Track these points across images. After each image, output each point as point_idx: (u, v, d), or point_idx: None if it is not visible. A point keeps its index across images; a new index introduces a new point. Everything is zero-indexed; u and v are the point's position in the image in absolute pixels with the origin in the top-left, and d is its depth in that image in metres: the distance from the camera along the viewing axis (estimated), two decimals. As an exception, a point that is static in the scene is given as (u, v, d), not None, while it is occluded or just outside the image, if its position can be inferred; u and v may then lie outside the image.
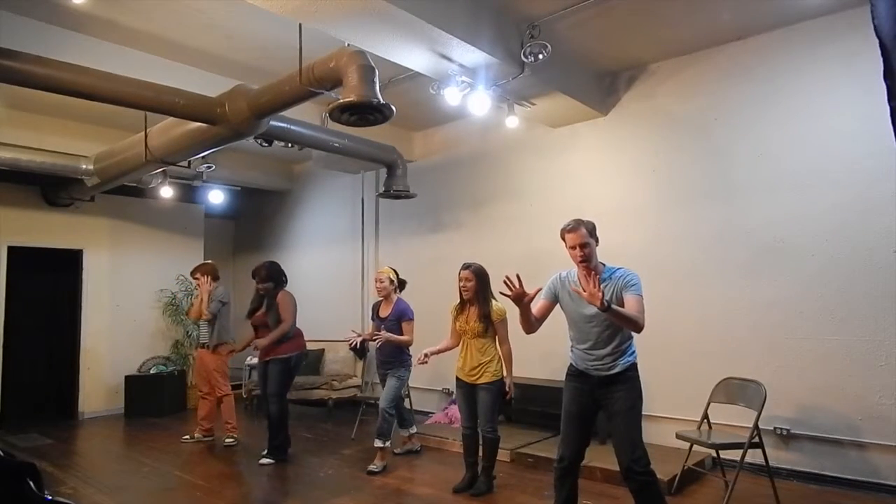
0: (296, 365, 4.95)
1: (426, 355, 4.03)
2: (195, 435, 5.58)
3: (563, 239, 2.89)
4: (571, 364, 3.00)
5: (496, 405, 3.89)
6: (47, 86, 3.46)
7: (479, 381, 3.87)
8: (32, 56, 3.37)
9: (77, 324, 6.94)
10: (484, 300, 3.88)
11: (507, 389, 3.88)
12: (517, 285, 2.73)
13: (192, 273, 5.68)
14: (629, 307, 2.74)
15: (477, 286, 3.88)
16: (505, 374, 3.90)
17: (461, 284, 3.92)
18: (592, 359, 2.87)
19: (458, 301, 4.02)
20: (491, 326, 3.87)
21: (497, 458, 3.98)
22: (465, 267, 3.94)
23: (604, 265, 2.93)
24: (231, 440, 5.36)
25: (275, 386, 4.86)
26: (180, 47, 4.51)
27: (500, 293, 2.81)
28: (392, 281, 4.64)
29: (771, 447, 3.97)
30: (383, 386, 4.63)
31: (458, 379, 4.00)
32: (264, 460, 4.73)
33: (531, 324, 2.89)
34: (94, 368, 6.93)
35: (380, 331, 4.51)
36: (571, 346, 2.99)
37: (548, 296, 3.00)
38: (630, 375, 2.85)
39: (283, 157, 7.73)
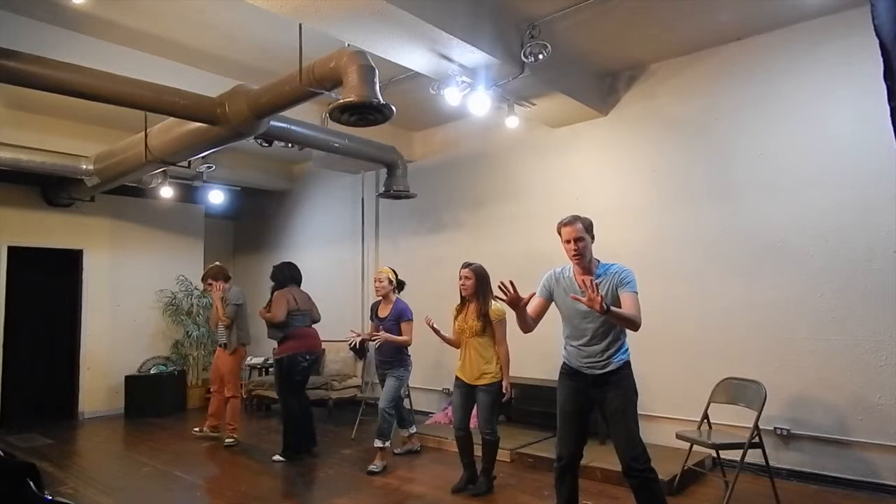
0: (289, 367, 4.87)
1: (433, 322, 3.95)
2: (203, 429, 5.70)
3: (559, 233, 2.92)
4: (565, 363, 3.00)
5: (495, 407, 3.88)
6: (47, 86, 3.45)
7: (478, 383, 3.87)
8: (32, 56, 3.37)
9: (77, 324, 6.95)
10: (483, 299, 3.90)
11: (504, 391, 3.88)
12: (512, 290, 2.76)
13: (203, 279, 5.73)
14: (625, 305, 2.75)
15: (476, 285, 3.90)
16: (502, 375, 3.90)
17: (461, 283, 3.95)
18: (586, 356, 2.87)
19: (459, 300, 4.04)
20: (489, 326, 3.88)
21: (496, 458, 3.98)
22: (466, 266, 3.98)
23: (598, 262, 2.94)
24: (231, 440, 5.38)
25: (276, 388, 4.96)
26: (180, 47, 4.50)
27: (496, 297, 2.81)
28: (391, 281, 4.64)
29: (771, 447, 3.96)
30: (382, 386, 4.63)
31: (457, 378, 4.00)
32: (276, 457, 4.87)
33: (528, 324, 2.92)
34: (94, 368, 6.93)
35: (378, 331, 4.51)
36: (565, 344, 3.00)
37: (543, 294, 3.01)
38: (624, 373, 2.86)
39: (283, 157, 7.72)
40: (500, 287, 2.77)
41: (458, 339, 4.04)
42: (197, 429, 5.77)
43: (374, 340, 4.53)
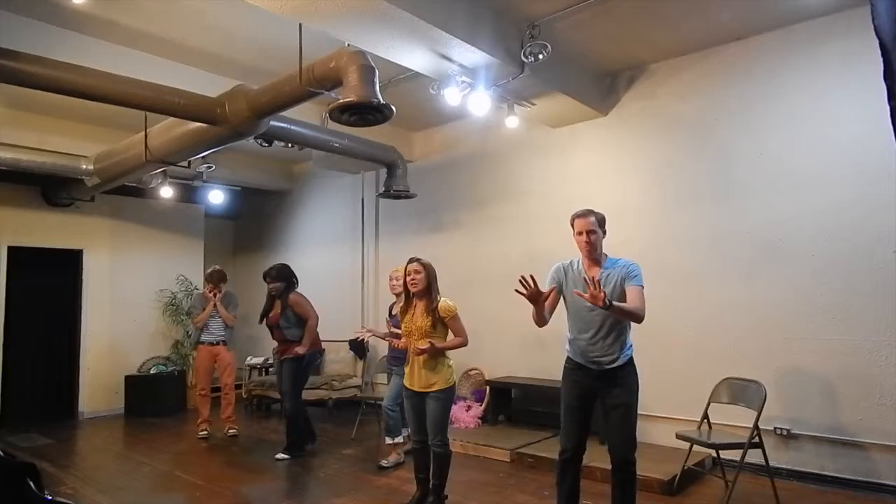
0: (309, 363, 5.06)
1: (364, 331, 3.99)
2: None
3: (573, 225, 2.97)
4: (569, 357, 3.02)
5: (447, 415, 3.56)
6: (47, 86, 3.46)
7: (429, 390, 3.48)
8: (32, 56, 3.37)
9: (77, 324, 6.95)
10: (431, 295, 3.55)
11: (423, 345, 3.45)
12: (532, 285, 2.78)
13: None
14: (630, 298, 2.80)
15: (426, 279, 3.55)
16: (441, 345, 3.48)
17: (409, 278, 3.55)
18: (594, 349, 2.90)
19: (404, 300, 3.68)
20: (439, 324, 3.52)
21: (448, 475, 3.58)
22: (414, 260, 3.62)
23: (607, 256, 2.99)
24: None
25: (287, 384, 4.95)
26: (180, 47, 4.50)
27: (516, 291, 2.80)
28: None
29: (771, 447, 3.96)
30: (388, 380, 4.62)
31: (406, 389, 3.61)
32: (280, 455, 4.85)
33: (543, 318, 2.94)
34: (94, 368, 6.93)
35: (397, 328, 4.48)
36: (570, 339, 3.01)
37: (553, 286, 3.03)
38: (628, 370, 2.90)
39: (283, 157, 7.72)
40: (521, 281, 2.76)
41: (405, 343, 3.65)
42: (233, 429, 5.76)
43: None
